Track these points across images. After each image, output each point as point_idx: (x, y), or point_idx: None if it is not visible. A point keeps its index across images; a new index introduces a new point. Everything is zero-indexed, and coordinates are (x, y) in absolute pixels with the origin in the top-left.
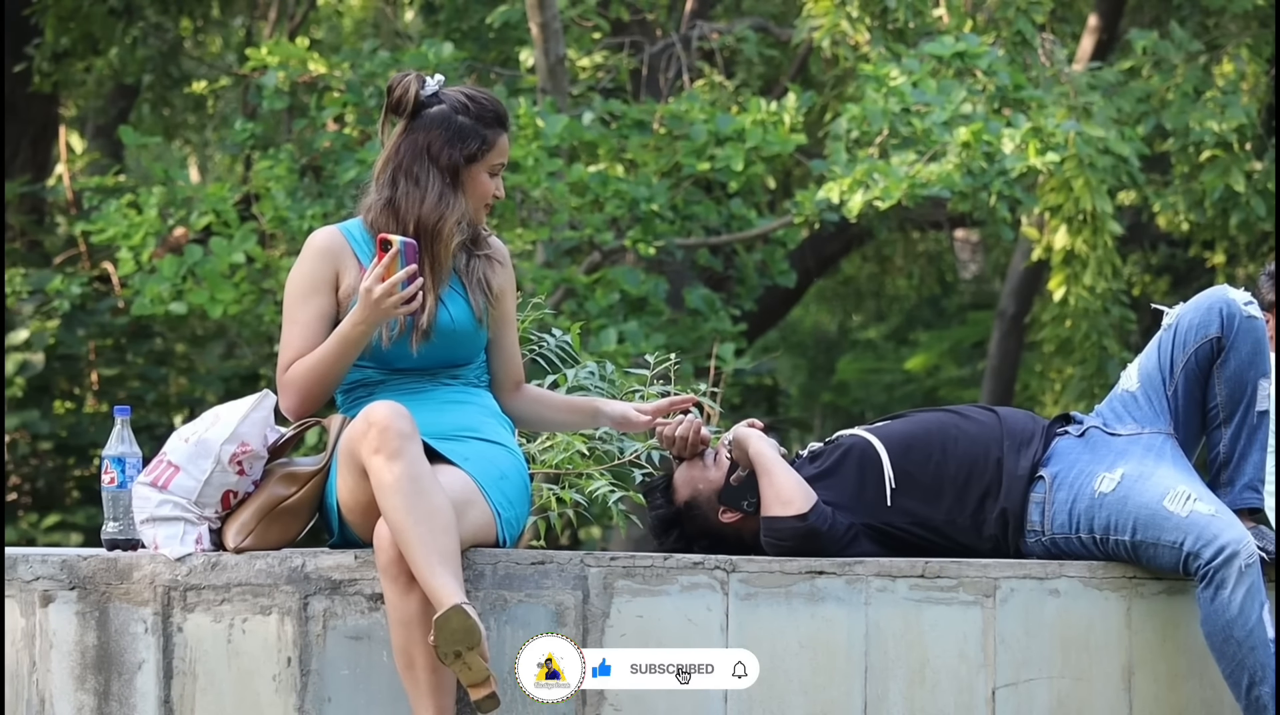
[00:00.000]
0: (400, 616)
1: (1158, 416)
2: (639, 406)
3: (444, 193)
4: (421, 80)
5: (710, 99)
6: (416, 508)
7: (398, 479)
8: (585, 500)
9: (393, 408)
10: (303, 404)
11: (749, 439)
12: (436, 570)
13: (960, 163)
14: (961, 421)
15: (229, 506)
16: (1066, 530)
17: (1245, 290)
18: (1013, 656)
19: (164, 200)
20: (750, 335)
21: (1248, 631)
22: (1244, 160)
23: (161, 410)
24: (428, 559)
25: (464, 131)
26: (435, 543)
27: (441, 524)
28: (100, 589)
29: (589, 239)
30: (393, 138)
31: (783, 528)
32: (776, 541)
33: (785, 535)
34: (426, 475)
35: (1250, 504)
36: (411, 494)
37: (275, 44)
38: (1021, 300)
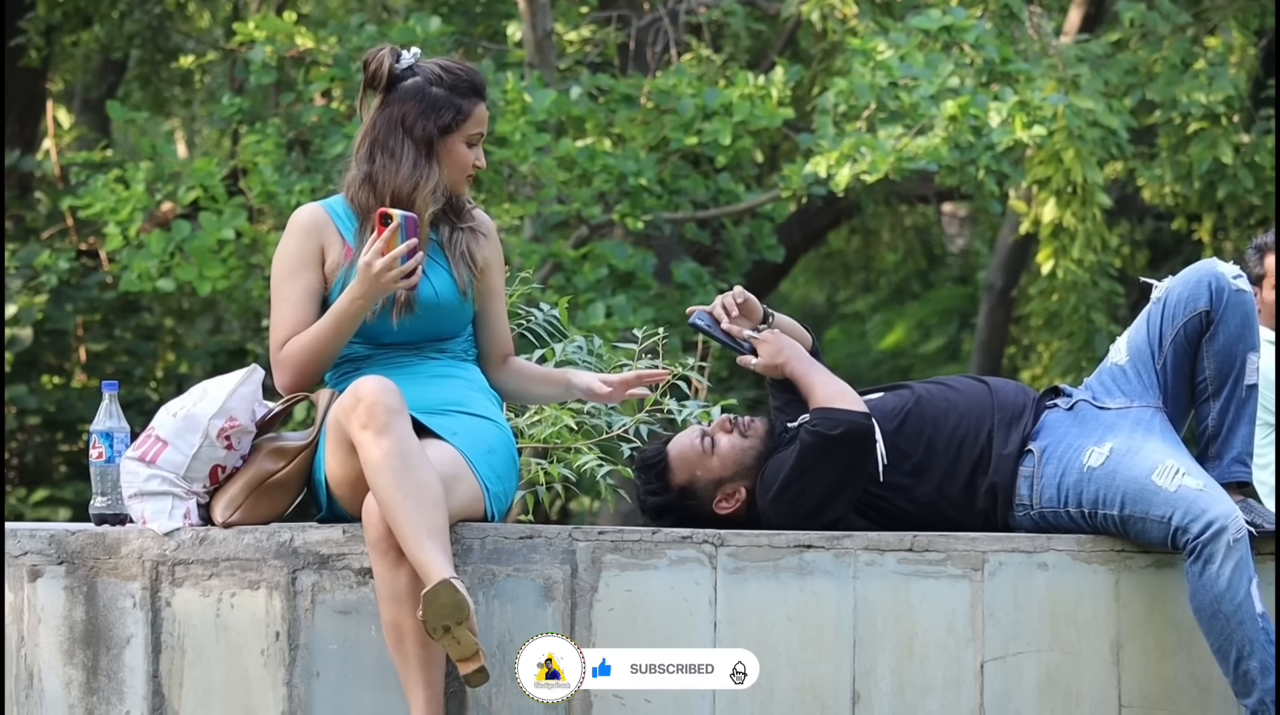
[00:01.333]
0: (389, 592)
1: (1146, 390)
2: (604, 377)
3: (418, 163)
4: (396, 54)
5: (698, 73)
6: (405, 483)
7: (385, 454)
8: (573, 475)
9: (380, 382)
10: (299, 381)
11: (789, 355)
12: (425, 545)
13: (947, 136)
14: (952, 394)
15: (217, 481)
16: (1055, 504)
17: (1234, 263)
18: (1001, 630)
19: (151, 175)
20: None
21: (1236, 606)
22: (1231, 132)
23: (149, 385)
24: (416, 534)
25: (438, 102)
26: (424, 518)
27: (430, 499)
28: (88, 564)
29: (577, 213)
30: (370, 112)
31: (843, 417)
32: (828, 430)
33: (843, 422)
34: (414, 450)
35: (1238, 477)
36: (400, 469)
37: (262, 18)
38: (1009, 274)
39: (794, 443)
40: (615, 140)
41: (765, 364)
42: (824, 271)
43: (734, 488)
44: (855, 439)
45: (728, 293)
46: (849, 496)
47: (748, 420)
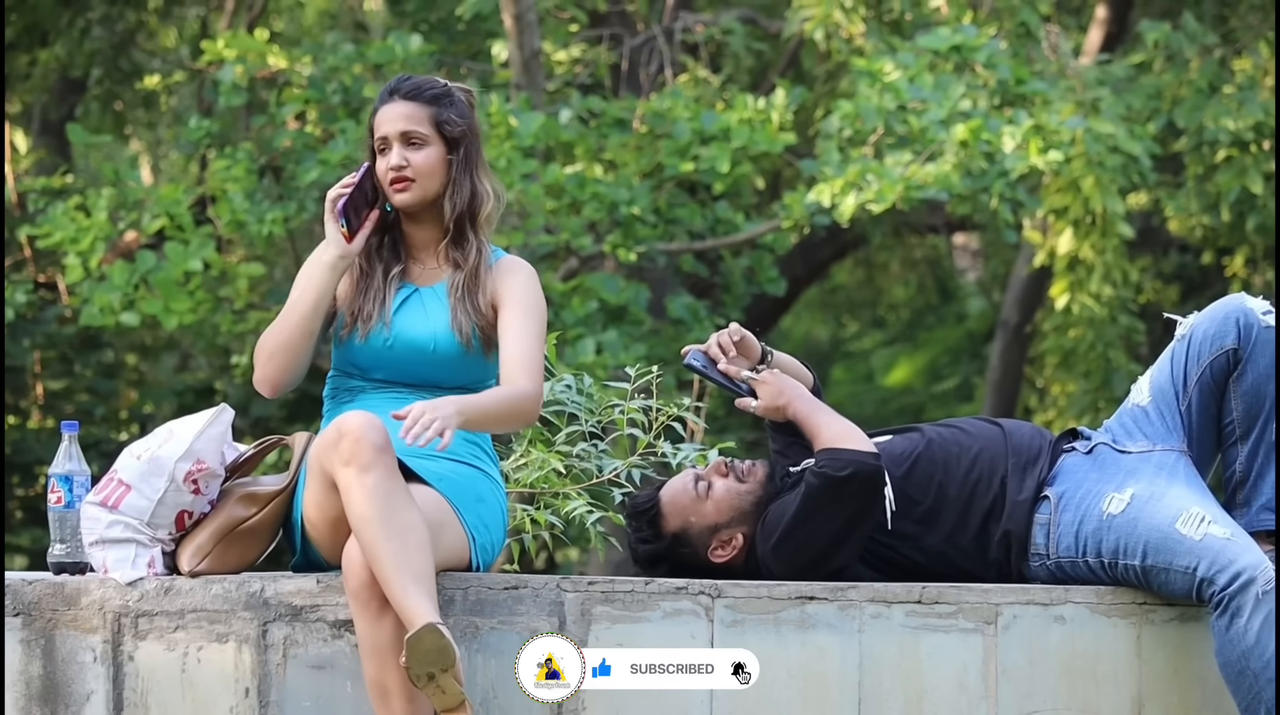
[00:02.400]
0: (372, 645)
1: (1170, 433)
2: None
3: None
4: None
5: (694, 95)
6: (389, 524)
7: (369, 493)
8: (562, 522)
9: (365, 418)
10: (277, 364)
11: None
12: (408, 589)
13: (958, 163)
14: (964, 438)
15: (184, 528)
16: (1073, 554)
17: (1264, 298)
18: (1016, 688)
19: (114, 202)
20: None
21: (1265, 663)
22: (1262, 160)
23: (111, 426)
24: (399, 578)
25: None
26: (409, 561)
27: (415, 541)
28: (46, 615)
29: (566, 244)
30: None
31: (852, 458)
32: (835, 471)
33: (851, 463)
34: (400, 490)
35: (1268, 526)
36: (384, 509)
37: (233, 36)
38: (1025, 309)
39: (798, 486)
40: (607, 166)
41: (765, 406)
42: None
43: (730, 535)
44: (864, 481)
45: (723, 330)
46: (856, 544)
47: (746, 464)
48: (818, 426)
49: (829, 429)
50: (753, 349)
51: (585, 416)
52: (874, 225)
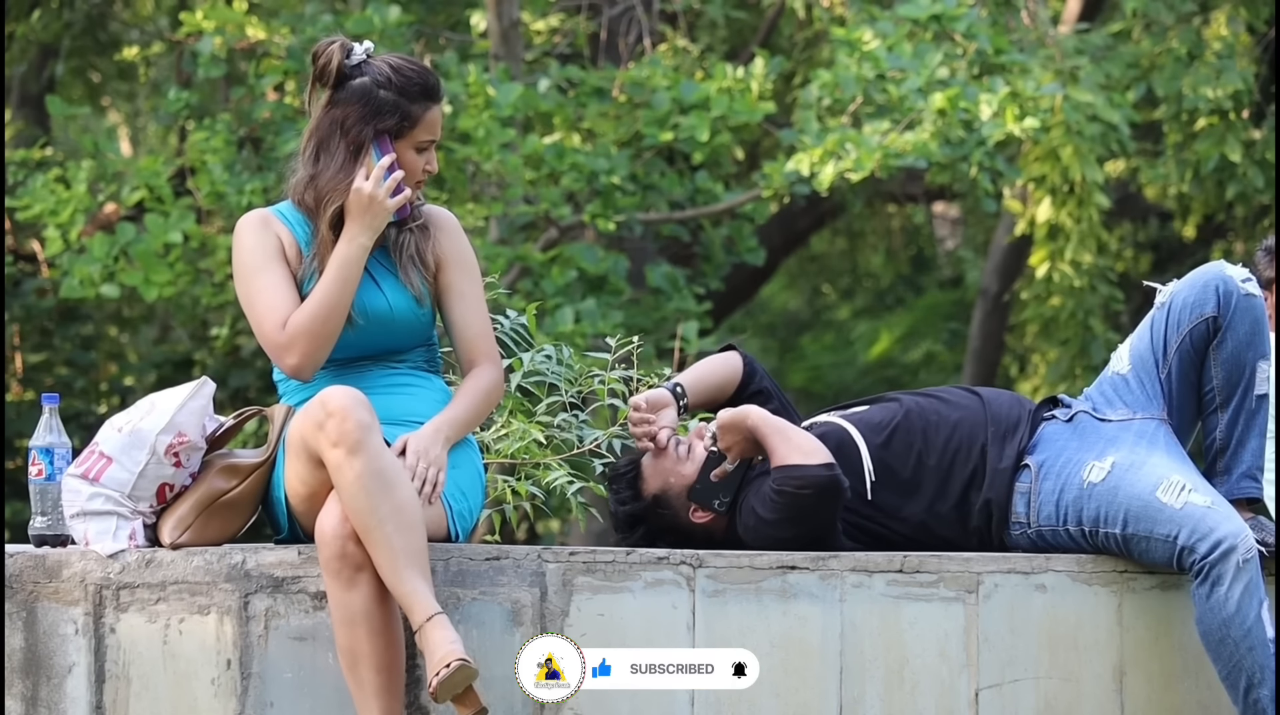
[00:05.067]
0: (344, 615)
1: (1150, 401)
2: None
3: (344, 166)
4: (346, 49)
5: (673, 65)
6: (382, 505)
7: (360, 475)
8: (542, 492)
9: (350, 395)
10: (316, 350)
11: (748, 413)
12: (405, 575)
13: (937, 131)
14: (943, 407)
15: (165, 500)
16: (1054, 522)
17: (1243, 266)
18: (997, 656)
19: (93, 174)
20: (717, 315)
21: (1245, 630)
22: (1241, 129)
23: (91, 398)
24: (394, 563)
25: (383, 107)
26: (404, 543)
27: (408, 521)
28: (27, 588)
29: (545, 214)
30: (317, 109)
31: (806, 474)
32: (795, 490)
33: (808, 482)
34: (390, 468)
35: (1248, 494)
36: (376, 491)
37: (211, 7)
38: (1004, 278)
39: (767, 476)
40: (585, 136)
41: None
42: (805, 275)
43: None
44: (820, 495)
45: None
46: (833, 535)
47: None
48: (771, 448)
49: (783, 445)
50: (661, 399)
51: (565, 387)
52: (853, 194)
